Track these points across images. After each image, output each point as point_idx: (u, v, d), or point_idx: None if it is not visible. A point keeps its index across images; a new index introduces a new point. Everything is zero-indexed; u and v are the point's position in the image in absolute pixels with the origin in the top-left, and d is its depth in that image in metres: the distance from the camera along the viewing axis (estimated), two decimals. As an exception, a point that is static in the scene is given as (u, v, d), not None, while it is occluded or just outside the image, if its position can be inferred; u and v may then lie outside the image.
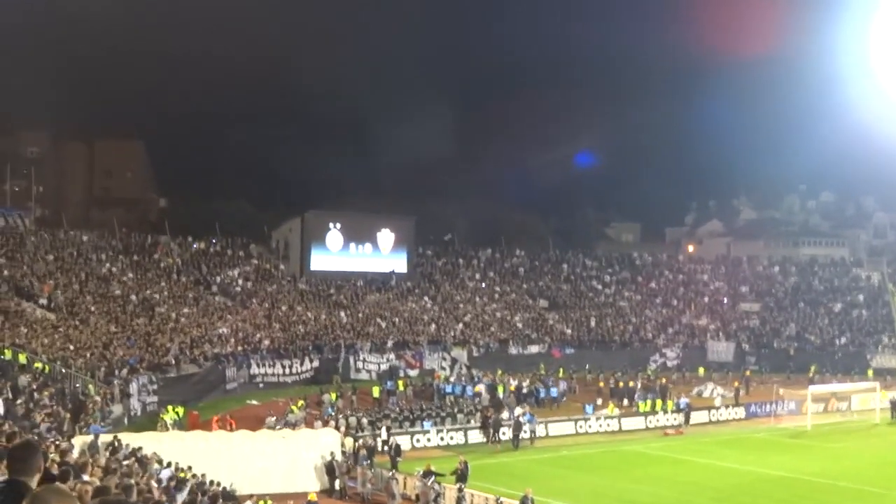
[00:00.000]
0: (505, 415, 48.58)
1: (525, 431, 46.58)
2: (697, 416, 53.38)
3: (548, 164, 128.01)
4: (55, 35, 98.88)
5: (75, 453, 27.98)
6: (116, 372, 48.06)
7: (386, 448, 40.79)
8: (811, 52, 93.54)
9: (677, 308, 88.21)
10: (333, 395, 51.84)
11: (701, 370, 73.45)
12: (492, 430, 46.42)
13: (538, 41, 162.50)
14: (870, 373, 72.09)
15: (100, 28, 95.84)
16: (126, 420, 44.53)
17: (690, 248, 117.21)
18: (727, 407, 56.03)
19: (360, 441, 40.30)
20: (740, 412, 55.25)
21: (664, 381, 63.50)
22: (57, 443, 24.07)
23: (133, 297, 62.95)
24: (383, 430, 43.21)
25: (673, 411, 52.83)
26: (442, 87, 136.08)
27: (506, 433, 46.23)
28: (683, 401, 54.64)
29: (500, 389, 55.69)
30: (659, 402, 54.28)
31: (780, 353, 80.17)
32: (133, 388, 47.50)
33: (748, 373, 71.14)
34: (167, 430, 40.47)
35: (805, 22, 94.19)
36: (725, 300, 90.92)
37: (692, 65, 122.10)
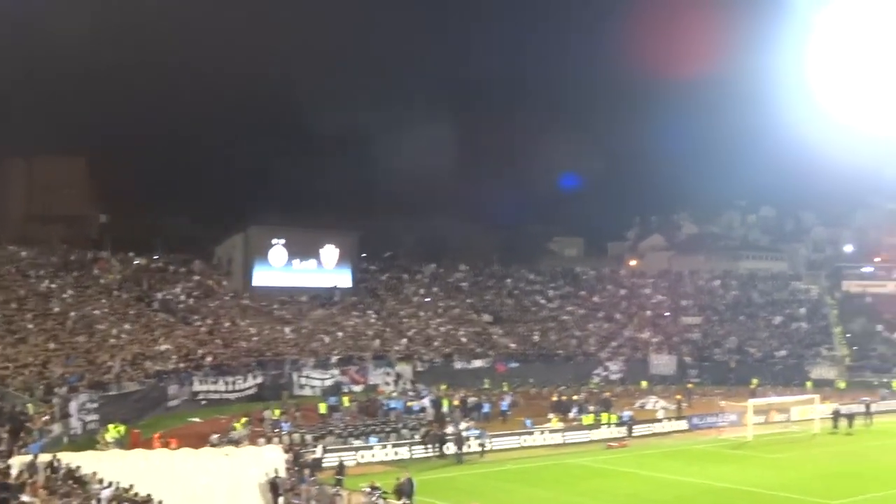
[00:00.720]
0: (450, 429, 48.52)
1: (469, 446, 46.55)
2: (640, 429, 53.62)
3: (492, 181, 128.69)
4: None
5: (13, 473, 27.52)
6: (56, 390, 47.32)
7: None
8: (750, 73, 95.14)
9: (620, 322, 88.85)
10: (276, 412, 51.40)
11: (644, 383, 74.08)
12: (438, 445, 46.30)
13: (484, 62, 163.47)
14: (809, 384, 73.07)
15: (40, 44, 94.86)
16: (66, 439, 43.79)
17: (633, 263, 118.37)
18: (670, 419, 56.40)
19: (304, 457, 40.01)
20: (683, 424, 55.60)
21: (608, 394, 63.81)
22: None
23: (73, 314, 62.03)
24: (319, 448, 42.64)
25: (616, 424, 53.03)
26: (386, 104, 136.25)
27: (450, 447, 46.15)
28: (626, 413, 54.93)
29: (446, 404, 55.62)
30: (603, 415, 54.50)
31: (720, 366, 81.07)
32: (73, 406, 46.75)
33: (690, 385, 71.76)
34: (108, 448, 39.85)
35: (744, 43, 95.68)
36: (667, 314, 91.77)
37: (635, 85, 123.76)
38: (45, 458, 31.81)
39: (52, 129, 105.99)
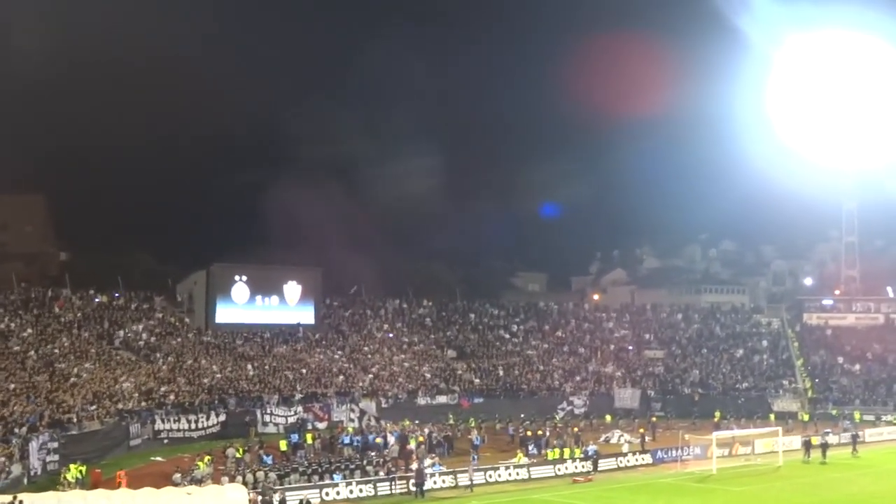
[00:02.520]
0: (414, 465, 48.37)
1: (434, 482, 46.43)
2: (606, 463, 53.64)
3: (454, 216, 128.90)
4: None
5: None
6: (16, 430, 46.75)
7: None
8: (711, 108, 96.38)
9: (584, 356, 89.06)
10: (240, 451, 50.95)
11: (608, 417, 74.20)
12: (410, 482, 46.08)
13: (446, 100, 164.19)
14: (772, 417, 73.57)
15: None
16: (25, 480, 43.28)
17: (596, 297, 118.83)
18: (634, 453, 56.50)
19: (268, 497, 39.71)
20: (647, 458, 55.70)
21: (576, 429, 63.85)
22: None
23: (32, 353, 61.41)
24: (276, 496, 41.41)
25: (581, 459, 53.06)
26: (344, 141, 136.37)
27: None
28: (591, 448, 54.93)
29: (413, 442, 55.38)
30: (567, 450, 54.51)
31: (684, 399, 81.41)
32: (33, 446, 46.22)
33: (654, 419, 71.93)
34: (69, 489, 39.42)
35: (705, 79, 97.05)
36: (630, 347, 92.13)
37: (597, 121, 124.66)
38: (4, 499, 31.45)
39: (9, 166, 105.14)
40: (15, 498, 31.27)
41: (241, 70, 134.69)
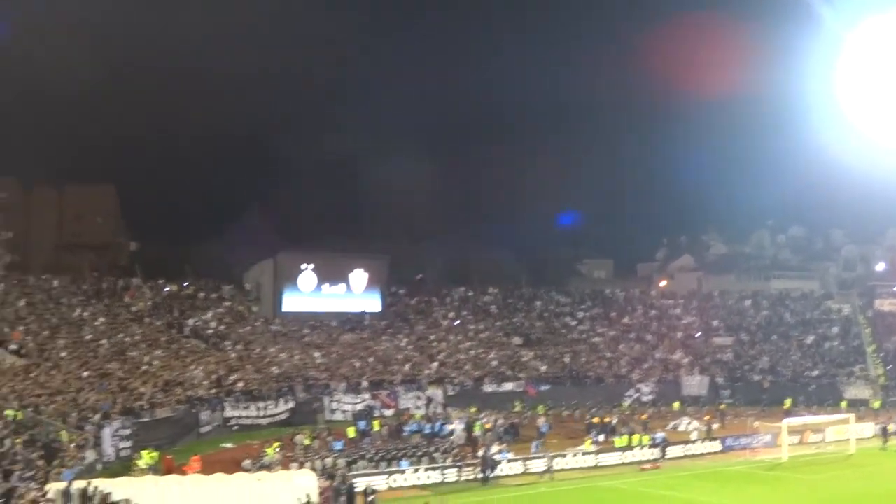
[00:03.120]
0: (481, 452, 48.41)
1: (501, 469, 46.45)
2: (674, 451, 53.28)
3: (521, 203, 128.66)
4: (23, 78, 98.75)
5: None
6: (90, 417, 47.58)
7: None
8: (781, 90, 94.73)
9: (651, 343, 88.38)
10: (308, 438, 51.35)
11: (676, 404, 73.52)
12: (480, 468, 46.19)
13: (508, 87, 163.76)
14: (843, 404, 72.41)
15: (70, 72, 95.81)
16: (99, 466, 44.04)
17: (662, 284, 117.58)
18: (703, 441, 56.01)
19: (336, 482, 39.96)
20: (716, 445, 55.20)
21: (644, 416, 63.45)
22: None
23: (105, 342, 62.51)
24: (338, 475, 41.82)
25: (649, 446, 52.74)
26: (417, 130, 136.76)
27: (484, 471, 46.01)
28: (659, 435, 54.56)
29: (477, 428, 55.45)
30: (635, 437, 54.22)
31: (753, 386, 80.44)
32: (106, 433, 47.02)
33: (722, 406, 71.22)
34: (141, 475, 40.04)
35: (775, 61, 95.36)
36: (698, 334, 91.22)
37: (664, 105, 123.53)
38: (79, 485, 32.01)
39: (81, 157, 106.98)
40: (89, 483, 31.79)
41: (306, 49, 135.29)
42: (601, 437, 56.38)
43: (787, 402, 71.01)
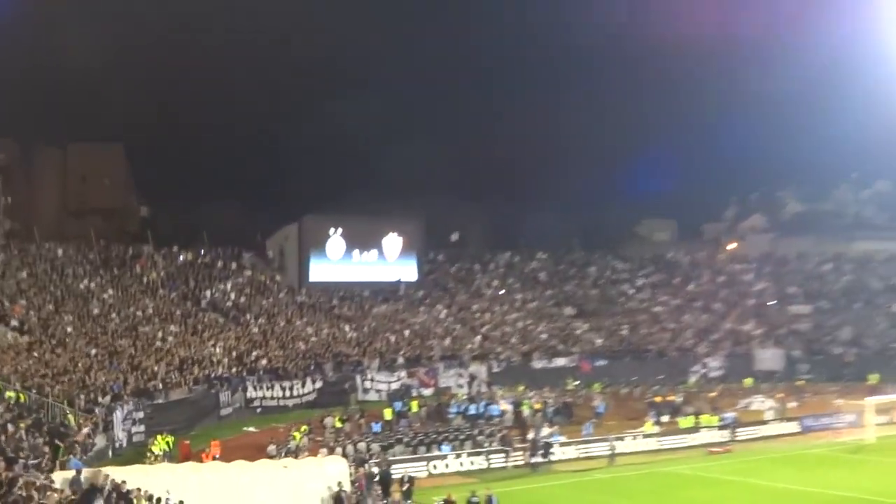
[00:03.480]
0: (530, 435, 48.41)
1: (553, 454, 46.45)
2: (745, 432, 53.05)
3: (571, 159, 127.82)
4: (26, 33, 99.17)
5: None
6: (99, 399, 47.95)
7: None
8: (865, 34, 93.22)
9: (719, 312, 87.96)
10: (339, 420, 51.47)
11: (747, 381, 73.08)
12: (528, 453, 46.21)
13: (554, 32, 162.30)
14: (938, 379, 71.67)
15: (74, 27, 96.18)
16: (110, 452, 44.39)
17: (731, 246, 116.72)
18: (778, 421, 55.68)
19: (369, 469, 40.05)
20: (794, 426, 54.87)
21: (712, 394, 63.19)
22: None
23: (114, 316, 62.94)
24: (371, 461, 41.86)
25: (718, 427, 52.52)
26: (451, 80, 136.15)
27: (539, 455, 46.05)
28: (729, 415, 54.34)
29: (526, 408, 55.42)
30: (702, 417, 54.01)
31: (834, 360, 79.90)
32: (117, 416, 47.37)
33: (800, 382, 70.79)
34: (156, 462, 40.31)
35: (858, 3, 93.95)
36: (772, 302, 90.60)
37: (734, 47, 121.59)
38: (88, 472, 32.19)
39: (87, 115, 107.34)
40: (99, 471, 31.95)
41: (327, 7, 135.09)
42: (664, 418, 56.20)
43: (873, 378, 70.38)
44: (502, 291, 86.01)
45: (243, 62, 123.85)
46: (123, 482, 30.21)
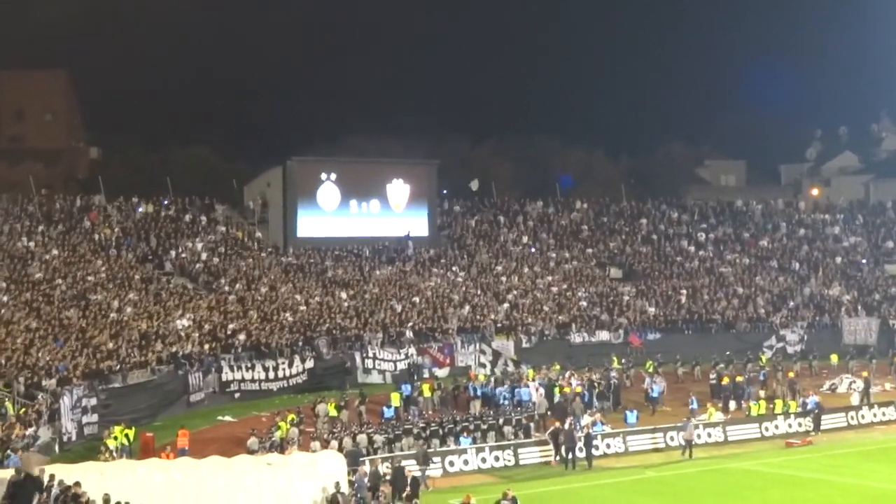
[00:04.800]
0: (566, 424, 48.53)
1: (597, 447, 46.58)
2: (831, 420, 53.10)
3: (617, 87, 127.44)
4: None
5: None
6: (42, 383, 48.20)
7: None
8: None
9: (799, 274, 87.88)
10: (332, 408, 51.63)
11: (834, 357, 73.05)
12: (562, 447, 46.30)
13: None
14: None
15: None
16: (57, 447, 44.66)
17: (815, 192, 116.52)
18: (871, 406, 55.72)
19: (375, 468, 40.27)
20: (890, 412, 54.90)
21: (791, 373, 63.27)
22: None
23: (60, 282, 63.10)
24: (377, 464, 41.91)
25: (797, 414, 52.61)
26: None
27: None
28: (812, 400, 54.34)
29: (557, 391, 55.38)
30: (778, 402, 54.10)
31: (942, 331, 79.90)
32: (65, 403, 47.60)
33: (899, 359, 70.87)
34: (112, 458, 40.57)
35: None
36: (864, 261, 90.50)
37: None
38: (29, 471, 32.38)
39: (26, 36, 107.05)
40: (42, 472, 32.12)
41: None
42: (732, 404, 56.36)
43: None
44: (533, 249, 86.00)
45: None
46: (77, 483, 30.41)
